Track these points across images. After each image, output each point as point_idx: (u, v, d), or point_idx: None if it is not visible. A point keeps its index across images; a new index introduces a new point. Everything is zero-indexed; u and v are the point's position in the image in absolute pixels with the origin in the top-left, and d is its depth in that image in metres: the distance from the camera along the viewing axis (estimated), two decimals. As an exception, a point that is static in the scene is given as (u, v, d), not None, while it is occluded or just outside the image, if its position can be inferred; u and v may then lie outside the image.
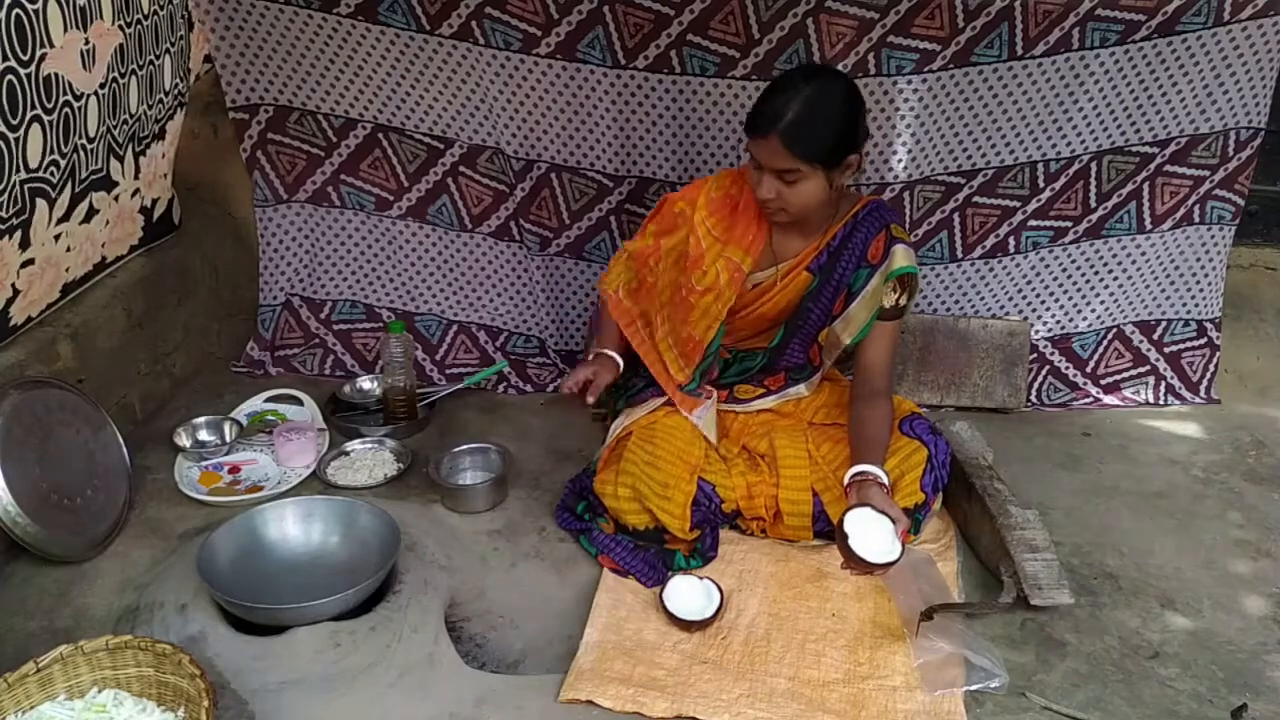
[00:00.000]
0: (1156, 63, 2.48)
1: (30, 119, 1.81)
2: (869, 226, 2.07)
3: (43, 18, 1.78)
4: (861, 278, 2.07)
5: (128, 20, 2.08)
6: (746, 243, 2.09)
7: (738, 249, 2.09)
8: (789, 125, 1.87)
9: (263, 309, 2.84)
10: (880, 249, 2.06)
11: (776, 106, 1.89)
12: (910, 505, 2.00)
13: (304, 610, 1.70)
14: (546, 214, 2.72)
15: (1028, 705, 1.66)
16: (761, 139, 1.90)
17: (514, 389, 2.77)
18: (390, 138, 2.68)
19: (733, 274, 2.08)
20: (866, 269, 2.06)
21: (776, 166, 1.92)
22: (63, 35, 1.85)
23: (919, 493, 2.02)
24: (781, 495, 2.03)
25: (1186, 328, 2.80)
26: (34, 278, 2.02)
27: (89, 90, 1.98)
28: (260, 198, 2.76)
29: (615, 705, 1.62)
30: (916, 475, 2.02)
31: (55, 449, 1.95)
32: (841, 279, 2.10)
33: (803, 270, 2.12)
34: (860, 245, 2.07)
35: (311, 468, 2.31)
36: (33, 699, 1.50)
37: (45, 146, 1.88)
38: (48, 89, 1.84)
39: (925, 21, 2.40)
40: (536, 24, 2.47)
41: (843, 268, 2.09)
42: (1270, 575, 2.03)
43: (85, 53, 1.94)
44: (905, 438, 2.07)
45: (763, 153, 1.91)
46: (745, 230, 2.09)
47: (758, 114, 1.91)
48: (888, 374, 2.10)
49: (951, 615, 1.77)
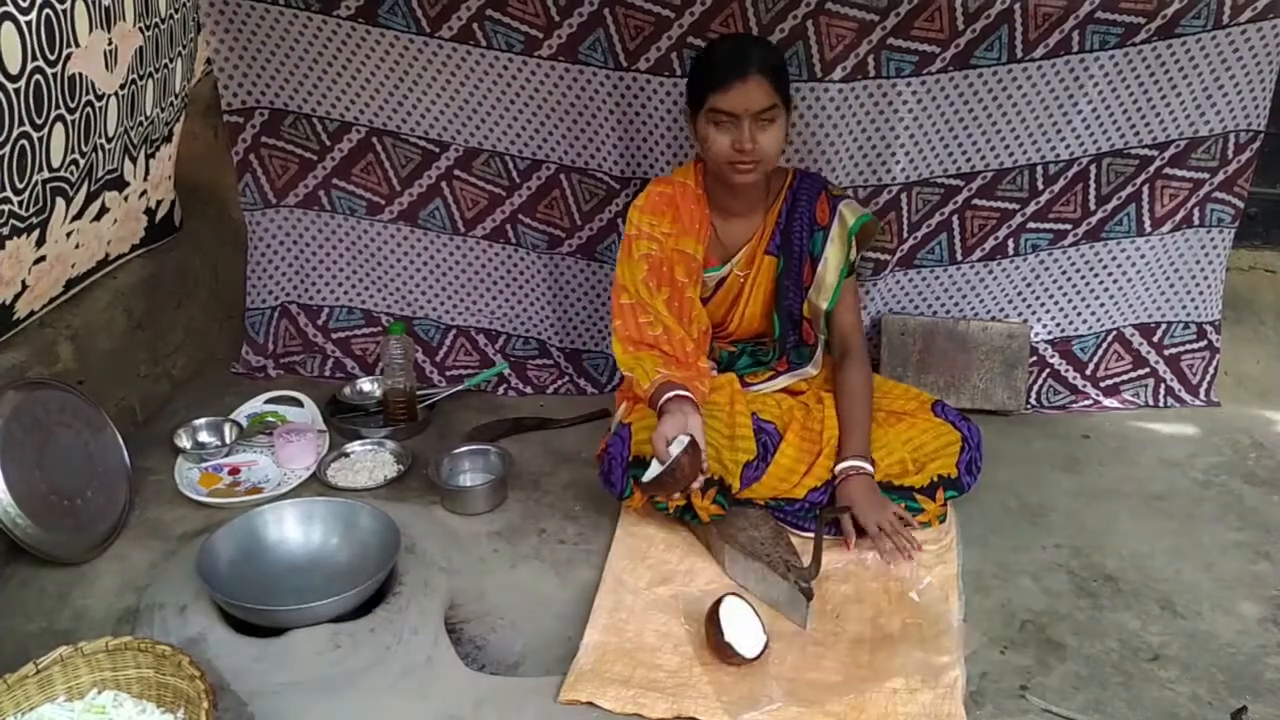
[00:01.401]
0: (1156, 65, 2.49)
1: (54, 119, 1.82)
2: (808, 192, 2.17)
3: (70, 17, 1.80)
4: (818, 241, 2.15)
5: (147, 23, 2.10)
6: (696, 232, 2.15)
7: (689, 239, 2.14)
8: (764, 60, 1.98)
9: (251, 312, 2.84)
10: (826, 210, 2.15)
11: (740, 51, 2.00)
12: (944, 474, 2.09)
13: (304, 612, 1.70)
14: (558, 214, 2.72)
15: (1028, 707, 1.66)
16: (739, 83, 1.94)
17: (514, 391, 2.77)
18: (385, 141, 2.69)
19: (689, 264, 2.13)
20: (820, 231, 2.15)
21: (758, 107, 1.96)
22: (88, 35, 1.86)
23: (953, 468, 2.10)
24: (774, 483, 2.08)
25: (1186, 330, 2.80)
26: (43, 274, 2.03)
27: (110, 91, 2.00)
28: (249, 201, 2.76)
29: (615, 706, 1.62)
30: (952, 452, 2.10)
31: (55, 450, 1.96)
32: (802, 249, 2.17)
33: (763, 256, 2.18)
34: (807, 211, 2.16)
35: (311, 469, 2.31)
36: (32, 700, 1.50)
37: (67, 146, 1.89)
38: (71, 89, 1.85)
39: (925, 24, 2.40)
40: (538, 26, 2.47)
41: (799, 239, 2.16)
42: (1270, 578, 2.03)
43: (108, 53, 1.95)
44: (937, 419, 2.14)
45: (740, 98, 1.95)
46: (691, 221, 2.14)
47: (725, 64, 1.98)
48: (859, 332, 2.21)
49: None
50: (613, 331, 2.10)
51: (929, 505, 2.08)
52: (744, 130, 1.97)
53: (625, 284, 2.10)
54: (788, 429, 2.13)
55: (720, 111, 1.98)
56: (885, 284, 2.72)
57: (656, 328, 2.05)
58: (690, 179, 2.17)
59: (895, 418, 2.18)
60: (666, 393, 1.91)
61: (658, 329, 2.04)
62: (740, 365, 2.29)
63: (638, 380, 2.00)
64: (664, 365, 2.00)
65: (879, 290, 2.72)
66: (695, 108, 2.05)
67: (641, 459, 1.97)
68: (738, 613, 1.73)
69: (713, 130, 2.01)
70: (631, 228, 2.14)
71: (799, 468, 2.10)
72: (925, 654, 1.74)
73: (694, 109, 2.06)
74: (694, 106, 2.06)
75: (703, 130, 2.04)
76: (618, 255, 2.16)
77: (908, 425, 2.15)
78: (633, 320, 2.07)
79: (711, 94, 1.97)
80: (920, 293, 2.74)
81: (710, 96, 1.98)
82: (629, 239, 2.13)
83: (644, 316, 2.06)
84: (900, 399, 2.24)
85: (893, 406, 2.21)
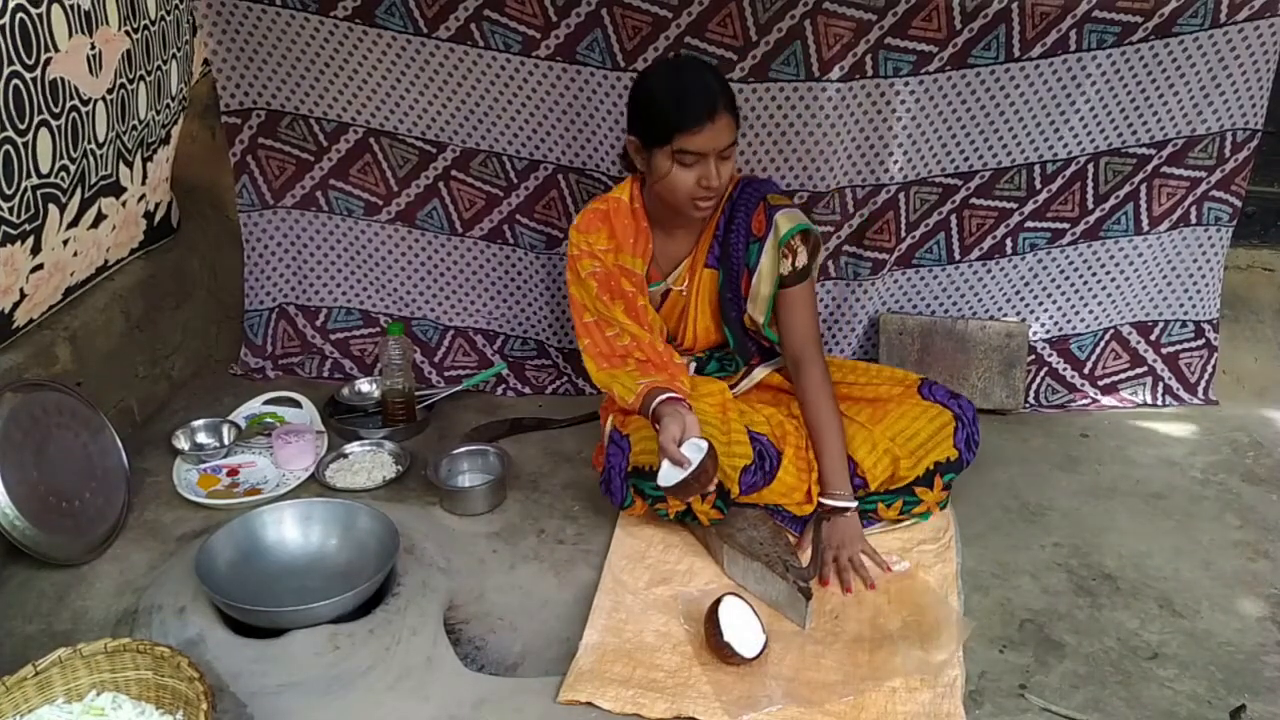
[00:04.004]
0: (1154, 64, 2.49)
1: (38, 123, 1.81)
2: (746, 203, 2.10)
3: (46, 21, 1.79)
4: (754, 253, 2.09)
5: (135, 26, 2.09)
6: (633, 247, 2.10)
7: (627, 255, 2.10)
8: (727, 95, 1.92)
9: (249, 314, 2.84)
10: (762, 221, 2.08)
11: (706, 89, 1.91)
12: (943, 459, 2.06)
13: (303, 613, 1.70)
14: (556, 214, 2.72)
15: (1027, 706, 1.66)
16: (709, 124, 1.89)
17: (513, 391, 2.77)
18: (382, 142, 2.68)
19: (632, 278, 2.10)
20: (755, 243, 2.08)
21: (725, 144, 1.93)
22: (68, 39, 1.85)
23: (952, 449, 2.06)
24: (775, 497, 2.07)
25: (1184, 329, 2.80)
26: (41, 282, 2.02)
27: (96, 95, 1.99)
28: (246, 202, 2.76)
29: (615, 707, 1.62)
30: (947, 434, 2.06)
31: (53, 452, 1.95)
32: (739, 261, 2.11)
33: (703, 269, 2.14)
34: (744, 223, 2.10)
35: (310, 470, 2.31)
36: (31, 702, 1.50)
37: (55, 151, 1.88)
38: (54, 93, 1.84)
39: (922, 23, 2.40)
40: (535, 26, 2.47)
41: (735, 250, 2.11)
42: (1268, 576, 2.03)
43: (91, 58, 1.94)
44: (926, 402, 2.09)
45: (710, 139, 1.90)
46: (626, 236, 2.10)
47: (694, 104, 1.89)
48: (813, 339, 2.11)
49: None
50: (582, 351, 2.11)
51: (927, 495, 2.07)
52: (710, 168, 1.93)
53: (583, 303, 2.11)
54: (783, 445, 2.08)
55: (688, 152, 1.91)
56: (883, 283, 2.72)
57: (624, 338, 2.06)
58: (625, 194, 2.12)
59: (879, 407, 2.11)
60: (655, 398, 1.91)
61: (625, 339, 2.06)
62: (709, 371, 2.26)
63: (620, 395, 2.00)
64: (641, 374, 2.00)
65: (877, 289, 2.72)
66: (653, 143, 1.95)
67: (641, 469, 1.97)
68: (737, 613, 1.73)
69: (676, 168, 1.94)
70: (573, 248, 2.12)
71: (801, 487, 2.07)
72: (924, 653, 1.74)
73: (650, 143, 1.96)
74: (652, 142, 1.95)
75: (662, 166, 1.95)
76: (567, 278, 2.16)
77: (895, 415, 2.08)
78: (600, 335, 2.09)
79: (680, 134, 1.89)
80: (918, 292, 2.75)
81: (678, 137, 1.90)
82: (573, 260, 2.11)
83: (609, 330, 2.08)
84: (884, 384, 2.17)
85: (876, 393, 2.15)
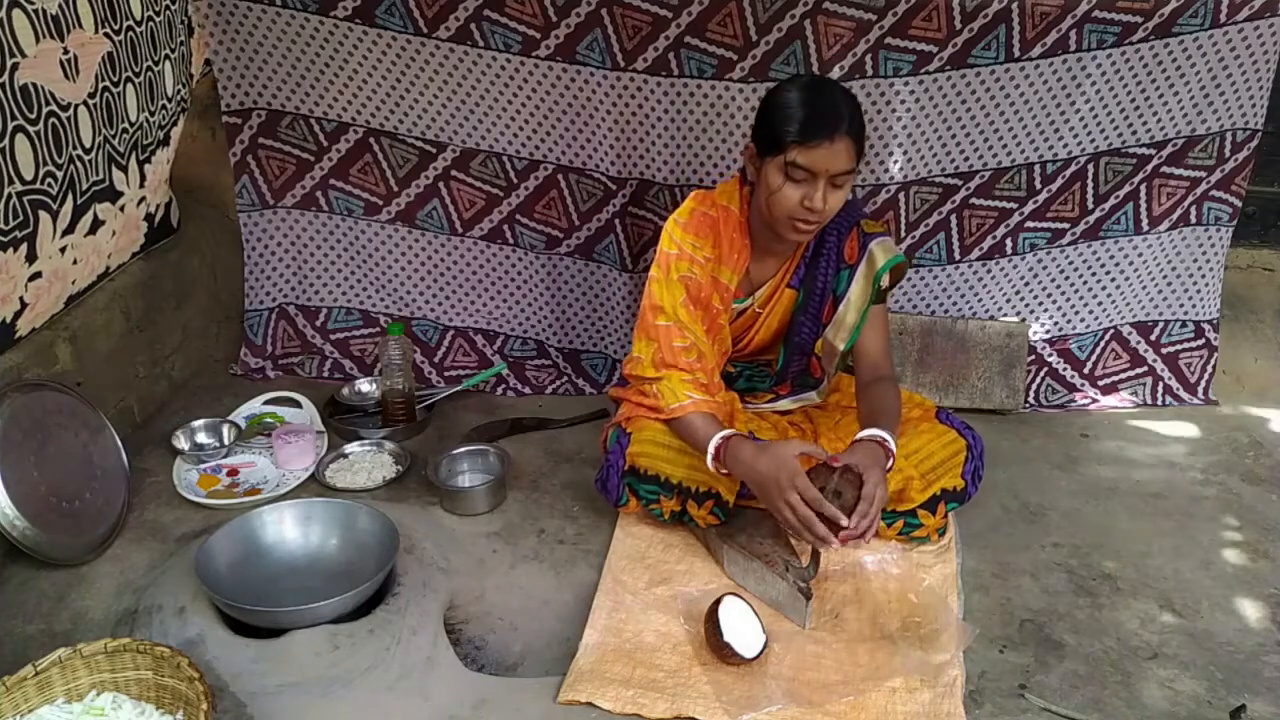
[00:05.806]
0: (1154, 64, 2.49)
1: (14, 129, 1.80)
2: (839, 227, 2.03)
3: (8, 27, 1.76)
4: (843, 280, 2.04)
5: (116, 28, 2.07)
6: (733, 263, 2.02)
7: (726, 269, 2.02)
8: (855, 121, 1.81)
9: (250, 314, 2.84)
10: (855, 248, 2.03)
11: (834, 107, 1.80)
12: (950, 488, 2.00)
13: (303, 613, 1.70)
14: (556, 214, 2.72)
15: (1027, 706, 1.66)
16: (826, 143, 1.78)
17: (513, 391, 2.77)
18: (382, 142, 2.69)
19: (723, 294, 2.04)
20: (846, 270, 2.03)
21: (838, 170, 1.82)
22: (34, 45, 1.83)
23: (960, 479, 2.01)
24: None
25: (1184, 329, 2.80)
26: (41, 291, 2.02)
27: (76, 100, 1.97)
28: (246, 202, 2.77)
29: (614, 707, 1.62)
30: (959, 462, 2.02)
31: (54, 452, 1.95)
32: (825, 286, 2.06)
33: (785, 288, 2.09)
34: (834, 248, 2.04)
35: (310, 470, 2.31)
36: (31, 702, 1.49)
37: (37, 158, 1.87)
38: (26, 99, 1.83)
39: (922, 23, 2.40)
40: (535, 26, 2.47)
41: (823, 275, 2.06)
42: (1268, 576, 2.03)
43: (65, 62, 1.92)
44: (942, 426, 2.06)
45: (824, 159, 1.80)
46: (730, 250, 2.01)
47: (817, 118, 1.79)
48: (889, 358, 2.09)
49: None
50: (634, 356, 2.01)
51: (928, 520, 2.03)
52: (818, 189, 1.83)
53: (663, 305, 1.97)
54: None
55: (799, 167, 1.82)
56: (883, 283, 2.72)
57: (692, 353, 1.96)
58: (735, 205, 2.02)
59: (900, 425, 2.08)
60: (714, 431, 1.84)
61: (693, 354, 1.96)
62: (738, 386, 2.24)
63: (662, 395, 1.94)
64: (694, 388, 1.93)
65: (877, 289, 2.72)
66: (768, 151, 1.86)
67: (636, 469, 1.97)
68: (737, 613, 1.73)
69: (784, 182, 1.84)
70: (671, 245, 1.99)
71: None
72: (924, 653, 1.74)
73: (765, 152, 1.87)
74: (766, 150, 1.87)
75: (770, 177, 1.86)
76: (651, 271, 2.01)
77: (913, 434, 2.04)
78: (667, 343, 1.96)
79: (796, 146, 1.80)
80: (919, 292, 2.75)
81: (793, 149, 1.80)
82: (667, 257, 1.98)
83: (679, 340, 1.96)
84: (905, 404, 2.13)
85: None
